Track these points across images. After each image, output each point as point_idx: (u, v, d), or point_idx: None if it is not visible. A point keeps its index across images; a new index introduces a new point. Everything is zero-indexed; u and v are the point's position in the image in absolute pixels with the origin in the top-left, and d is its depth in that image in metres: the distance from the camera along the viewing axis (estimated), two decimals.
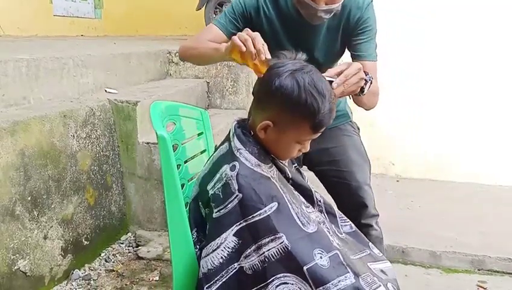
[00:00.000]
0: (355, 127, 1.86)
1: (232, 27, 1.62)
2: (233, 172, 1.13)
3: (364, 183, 1.71)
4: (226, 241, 1.10)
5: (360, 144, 1.80)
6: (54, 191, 2.06)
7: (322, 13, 1.50)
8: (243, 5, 1.62)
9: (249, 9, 1.62)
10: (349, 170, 1.70)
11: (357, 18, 1.62)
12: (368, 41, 1.66)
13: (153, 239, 2.51)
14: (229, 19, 1.63)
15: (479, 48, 3.21)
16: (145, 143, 2.48)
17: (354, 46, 1.65)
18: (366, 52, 1.65)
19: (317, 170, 1.79)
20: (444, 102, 3.32)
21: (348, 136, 1.78)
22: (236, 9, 1.63)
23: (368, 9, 1.64)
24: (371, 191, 1.74)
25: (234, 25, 1.62)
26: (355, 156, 1.74)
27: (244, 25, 1.61)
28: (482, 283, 2.20)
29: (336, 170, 1.72)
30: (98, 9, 5.29)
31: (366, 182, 1.73)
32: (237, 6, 1.63)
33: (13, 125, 1.85)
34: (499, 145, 3.30)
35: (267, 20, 1.63)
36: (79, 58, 2.52)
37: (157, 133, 1.16)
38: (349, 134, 1.79)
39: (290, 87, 1.12)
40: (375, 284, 1.14)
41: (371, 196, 1.73)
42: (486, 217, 2.77)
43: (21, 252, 1.90)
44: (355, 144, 1.78)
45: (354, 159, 1.73)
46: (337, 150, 1.73)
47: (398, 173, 3.49)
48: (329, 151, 1.74)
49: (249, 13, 1.62)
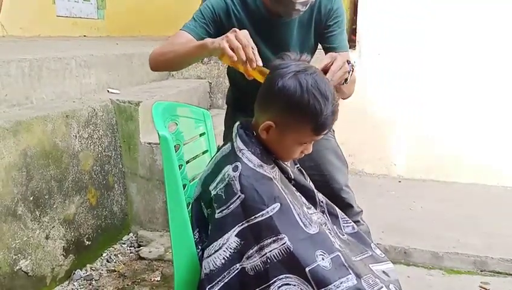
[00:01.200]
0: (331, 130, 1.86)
1: (202, 32, 1.58)
2: (236, 173, 1.12)
3: (345, 185, 1.72)
4: (228, 242, 1.10)
5: (337, 146, 1.80)
6: (56, 191, 2.06)
7: (299, 6, 1.48)
8: (211, 8, 1.59)
9: (218, 12, 1.59)
10: (330, 174, 1.70)
11: (328, 9, 1.62)
12: (340, 33, 1.66)
13: (155, 239, 2.52)
14: (199, 24, 1.58)
15: (479, 48, 3.20)
16: (147, 143, 2.48)
17: (327, 38, 1.65)
18: (340, 43, 1.65)
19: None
20: (446, 102, 3.31)
21: (326, 139, 1.76)
22: (205, 13, 1.59)
23: (337, 0, 1.64)
24: (351, 191, 1.76)
25: (205, 30, 1.59)
26: (335, 160, 1.74)
27: (214, 29, 1.59)
28: (484, 284, 2.19)
29: (318, 174, 1.70)
30: (101, 10, 5.29)
31: (346, 183, 1.74)
32: (206, 10, 1.59)
33: (16, 126, 1.85)
34: (502, 145, 3.29)
35: (237, 22, 1.60)
36: (81, 59, 2.52)
37: (159, 133, 1.16)
38: (327, 137, 1.78)
39: (293, 89, 1.12)
40: (377, 285, 1.14)
41: (352, 195, 1.75)
42: (488, 218, 2.76)
43: (23, 252, 1.90)
44: (333, 146, 1.78)
45: (334, 162, 1.73)
46: (317, 155, 1.70)
47: (400, 173, 3.49)
48: (310, 156, 1.73)
49: (218, 16, 1.59)
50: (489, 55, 3.20)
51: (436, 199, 3.07)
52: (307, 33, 1.65)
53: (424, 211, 2.87)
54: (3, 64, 2.04)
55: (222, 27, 1.59)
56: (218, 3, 1.60)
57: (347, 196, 1.72)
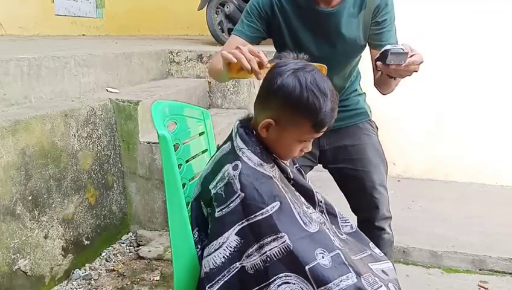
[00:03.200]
0: (373, 126, 1.79)
1: (250, 30, 1.59)
2: (236, 171, 1.12)
3: (379, 184, 1.67)
4: (228, 240, 1.10)
5: (378, 143, 1.74)
6: (54, 191, 2.06)
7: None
8: (257, 6, 1.59)
9: (264, 8, 1.58)
10: (366, 170, 1.66)
11: (377, 5, 1.57)
12: (390, 30, 1.62)
13: (154, 239, 2.51)
14: (247, 24, 1.59)
15: (479, 48, 3.21)
16: (146, 142, 2.48)
17: (377, 35, 1.60)
18: (389, 40, 1.59)
19: (331, 167, 1.74)
20: (446, 102, 3.31)
21: (367, 135, 1.72)
22: (251, 12, 1.59)
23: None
24: (387, 193, 1.70)
25: (252, 28, 1.59)
26: (373, 156, 1.69)
27: (263, 25, 1.59)
28: (483, 283, 2.20)
29: (352, 168, 1.67)
30: (100, 8, 5.29)
31: (382, 183, 1.68)
32: (252, 8, 1.60)
33: (14, 125, 1.85)
34: (501, 145, 3.30)
35: (282, 16, 1.58)
36: (80, 58, 2.52)
37: (159, 132, 1.16)
38: (369, 133, 1.73)
39: (292, 86, 1.12)
40: (377, 284, 1.14)
41: (385, 197, 1.69)
42: (487, 217, 2.77)
43: (21, 252, 1.90)
44: (374, 143, 1.73)
45: (372, 159, 1.68)
46: (356, 149, 1.68)
47: (399, 173, 3.49)
48: (347, 149, 1.69)
49: (265, 12, 1.59)
50: (489, 55, 3.21)
51: (435, 198, 3.08)
52: (357, 27, 1.59)
53: (423, 211, 2.88)
54: (1, 64, 2.03)
55: (270, 22, 1.59)
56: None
57: (379, 196, 1.67)
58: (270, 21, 1.60)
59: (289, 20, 1.58)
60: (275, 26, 1.60)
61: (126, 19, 5.49)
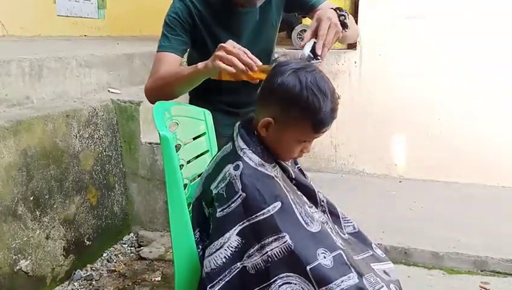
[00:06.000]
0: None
1: (179, 44, 1.57)
2: (237, 171, 1.12)
3: None
4: (230, 240, 1.10)
5: None
6: (56, 191, 2.06)
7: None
8: (177, 18, 1.56)
9: (184, 18, 1.57)
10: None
11: None
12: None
13: (155, 239, 2.51)
14: (173, 38, 1.56)
15: (479, 48, 3.20)
16: (148, 143, 2.49)
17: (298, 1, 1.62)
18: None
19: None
20: (447, 102, 3.31)
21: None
22: (173, 24, 1.57)
23: None
24: None
25: (180, 41, 1.57)
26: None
27: (187, 36, 1.58)
28: (484, 284, 2.19)
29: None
30: (101, 9, 5.28)
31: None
32: (172, 20, 1.57)
33: (16, 125, 1.85)
34: (503, 145, 3.29)
35: (199, 19, 1.59)
36: (82, 58, 2.52)
37: (160, 133, 1.16)
38: None
39: (292, 85, 1.12)
40: (378, 284, 1.14)
41: None
42: (489, 218, 2.76)
43: (23, 252, 1.90)
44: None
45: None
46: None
47: (400, 173, 3.48)
48: None
49: (185, 21, 1.57)
50: (488, 55, 3.20)
51: (437, 199, 3.07)
52: (268, 13, 1.63)
53: (425, 211, 2.87)
54: (3, 64, 2.04)
55: (192, 30, 1.58)
56: (180, 8, 1.57)
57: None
58: (192, 30, 1.58)
59: (206, 21, 1.58)
60: (198, 35, 1.58)
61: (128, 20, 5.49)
